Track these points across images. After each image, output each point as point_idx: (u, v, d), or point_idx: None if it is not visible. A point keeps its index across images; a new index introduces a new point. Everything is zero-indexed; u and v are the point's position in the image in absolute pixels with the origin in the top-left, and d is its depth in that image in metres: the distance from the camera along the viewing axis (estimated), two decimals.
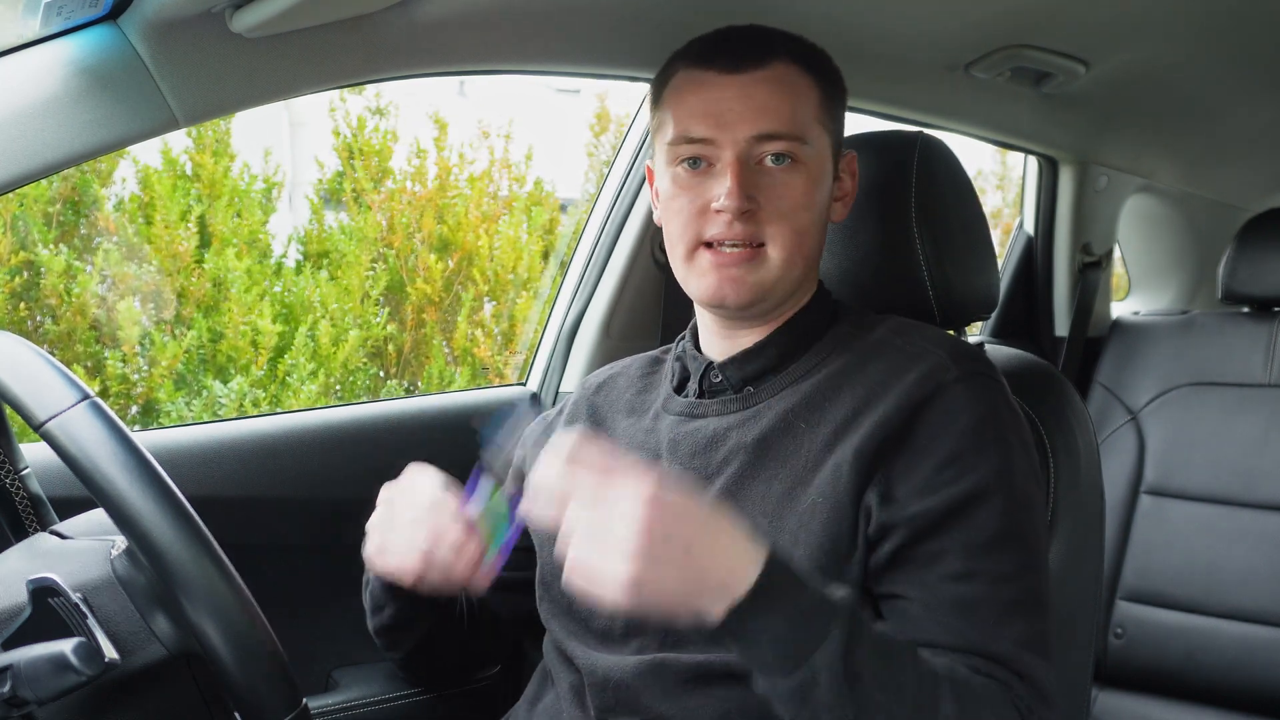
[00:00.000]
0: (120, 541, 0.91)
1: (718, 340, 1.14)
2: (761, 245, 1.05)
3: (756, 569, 0.83)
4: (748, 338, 1.12)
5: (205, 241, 3.61)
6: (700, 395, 1.13)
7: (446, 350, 3.99)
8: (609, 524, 0.80)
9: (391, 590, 1.14)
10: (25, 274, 3.33)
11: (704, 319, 1.16)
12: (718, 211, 1.04)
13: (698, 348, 1.16)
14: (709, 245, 1.06)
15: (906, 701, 0.86)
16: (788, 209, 1.05)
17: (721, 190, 1.03)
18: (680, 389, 1.16)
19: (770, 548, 0.85)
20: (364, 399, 3.73)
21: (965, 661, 0.93)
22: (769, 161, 1.05)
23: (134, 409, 3.47)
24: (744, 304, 1.07)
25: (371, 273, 3.86)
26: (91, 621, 0.83)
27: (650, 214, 1.66)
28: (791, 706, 0.85)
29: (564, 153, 4.76)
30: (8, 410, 1.03)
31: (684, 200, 1.07)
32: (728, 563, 0.83)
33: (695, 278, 1.08)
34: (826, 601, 0.86)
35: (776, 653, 0.84)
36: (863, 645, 0.85)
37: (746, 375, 1.11)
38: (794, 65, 1.07)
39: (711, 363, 1.13)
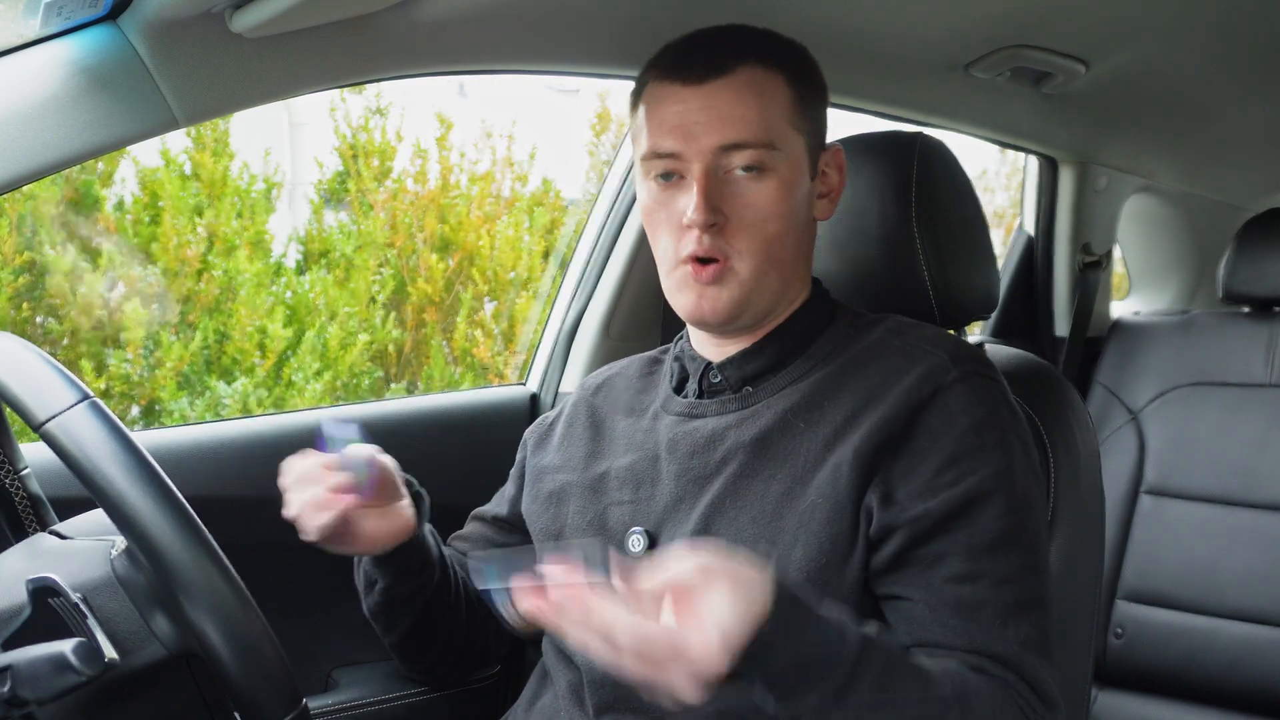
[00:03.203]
0: (120, 541, 0.91)
1: (711, 346, 1.14)
2: (729, 261, 1.05)
3: (765, 613, 0.80)
4: (742, 340, 1.12)
5: (209, 243, 3.61)
6: (699, 395, 1.13)
7: (446, 350, 3.99)
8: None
9: (378, 562, 1.15)
10: (29, 274, 3.33)
11: (694, 329, 1.16)
12: (688, 227, 1.04)
13: (694, 347, 1.16)
14: (688, 261, 1.06)
15: None
16: (755, 219, 1.04)
17: (689, 204, 1.03)
18: (679, 389, 1.16)
19: (780, 586, 0.82)
20: (367, 400, 3.73)
21: (970, 662, 0.93)
22: (738, 172, 1.05)
23: (135, 409, 3.48)
24: (723, 321, 1.07)
25: (378, 277, 3.86)
26: (91, 621, 0.82)
27: None
28: None
29: (565, 153, 4.76)
30: (8, 410, 1.03)
31: (660, 215, 1.08)
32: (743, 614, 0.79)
33: (678, 295, 1.09)
34: (830, 648, 0.83)
35: (768, 698, 0.82)
36: (860, 688, 0.83)
37: (745, 375, 1.11)
38: (761, 68, 1.06)
39: (710, 363, 1.13)
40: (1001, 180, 6.47)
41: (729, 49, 1.06)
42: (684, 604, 0.78)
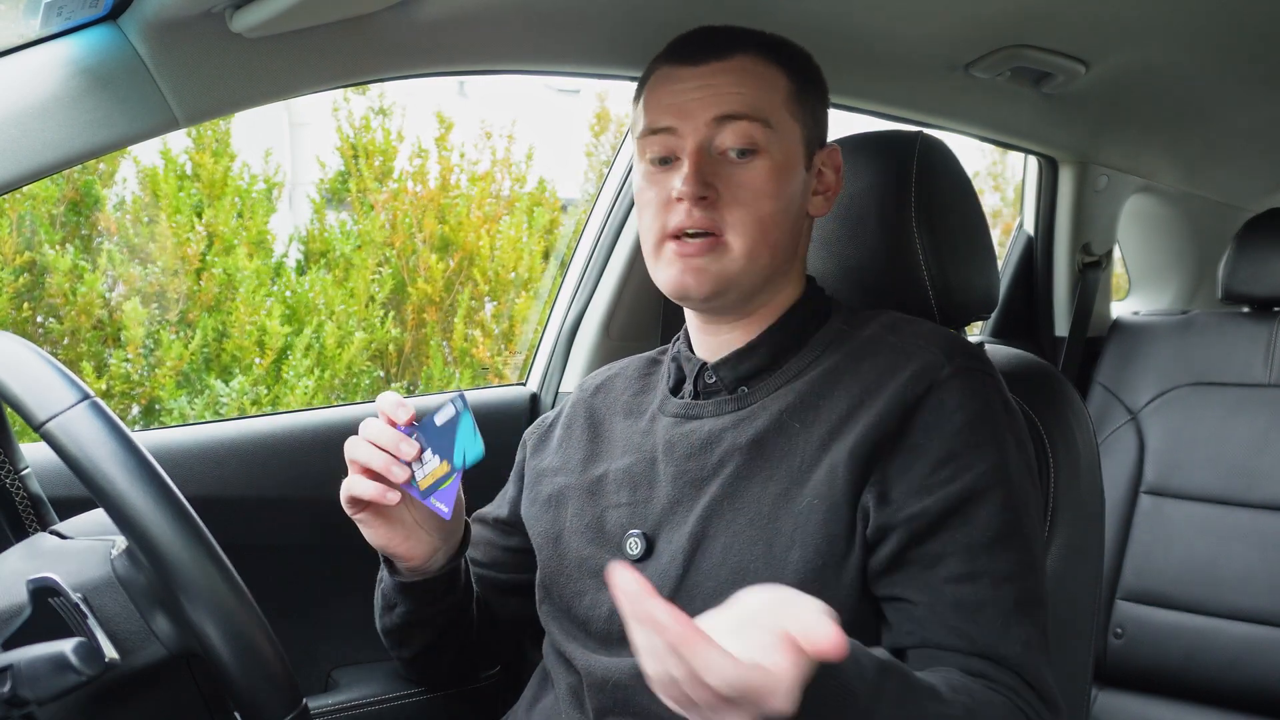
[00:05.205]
0: (120, 541, 0.90)
1: (706, 339, 1.14)
2: (723, 235, 1.05)
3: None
4: (735, 336, 1.11)
5: (208, 242, 3.62)
6: (695, 396, 1.13)
7: (446, 350, 4.00)
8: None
9: (403, 588, 1.14)
10: (29, 274, 3.34)
11: (689, 318, 1.16)
12: (678, 200, 1.05)
13: (691, 349, 1.16)
14: (675, 238, 1.06)
15: None
16: (748, 198, 1.05)
17: (680, 179, 1.04)
18: (676, 390, 1.16)
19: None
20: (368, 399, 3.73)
21: (973, 666, 0.93)
22: (732, 154, 1.05)
23: (136, 409, 3.48)
24: (706, 295, 1.06)
25: (377, 276, 3.87)
26: (91, 621, 0.82)
27: None
28: None
29: (564, 153, 4.76)
30: (8, 410, 1.03)
31: (651, 194, 1.08)
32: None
33: (661, 269, 1.09)
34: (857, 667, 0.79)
35: None
36: (883, 709, 0.80)
37: (740, 375, 1.11)
38: (760, 57, 1.08)
39: (705, 363, 1.13)
40: (990, 182, 6.47)
41: (732, 38, 1.09)
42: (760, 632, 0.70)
